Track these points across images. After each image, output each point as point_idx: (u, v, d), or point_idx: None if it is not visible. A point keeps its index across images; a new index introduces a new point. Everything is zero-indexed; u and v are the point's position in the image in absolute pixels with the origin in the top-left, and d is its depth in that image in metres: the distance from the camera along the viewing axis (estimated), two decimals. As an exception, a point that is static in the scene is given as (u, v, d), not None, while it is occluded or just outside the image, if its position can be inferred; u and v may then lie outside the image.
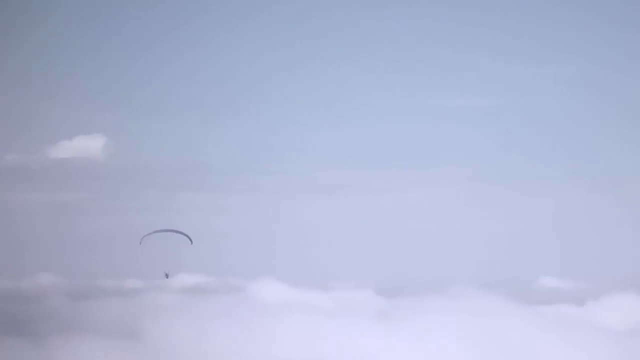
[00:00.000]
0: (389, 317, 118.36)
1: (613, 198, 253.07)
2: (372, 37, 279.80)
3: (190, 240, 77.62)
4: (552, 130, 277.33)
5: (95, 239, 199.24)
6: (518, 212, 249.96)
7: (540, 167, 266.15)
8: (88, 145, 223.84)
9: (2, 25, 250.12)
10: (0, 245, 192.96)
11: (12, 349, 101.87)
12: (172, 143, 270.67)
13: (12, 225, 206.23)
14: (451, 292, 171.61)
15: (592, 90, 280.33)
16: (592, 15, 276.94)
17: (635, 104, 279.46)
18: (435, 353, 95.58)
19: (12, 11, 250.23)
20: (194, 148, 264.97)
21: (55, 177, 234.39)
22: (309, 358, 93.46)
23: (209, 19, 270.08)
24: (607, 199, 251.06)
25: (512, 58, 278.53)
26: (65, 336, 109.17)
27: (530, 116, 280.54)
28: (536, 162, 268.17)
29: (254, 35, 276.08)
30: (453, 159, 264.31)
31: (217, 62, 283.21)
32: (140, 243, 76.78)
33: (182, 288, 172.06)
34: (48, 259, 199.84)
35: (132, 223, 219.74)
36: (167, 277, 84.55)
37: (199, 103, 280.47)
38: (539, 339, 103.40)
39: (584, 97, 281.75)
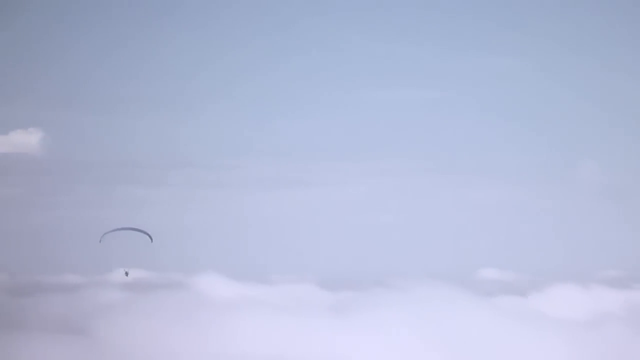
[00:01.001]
0: (338, 311, 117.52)
1: (551, 190, 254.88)
2: (313, 31, 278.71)
3: (151, 238, 75.97)
4: (494, 123, 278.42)
5: (33, 235, 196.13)
6: (457, 205, 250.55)
7: (480, 159, 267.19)
8: (24, 140, 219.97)
9: None
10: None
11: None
12: (108, 138, 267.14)
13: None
14: (395, 284, 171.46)
15: (534, 81, 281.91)
16: (534, 5, 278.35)
17: (580, 96, 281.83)
18: (388, 345, 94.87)
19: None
20: (130, 142, 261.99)
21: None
22: (261, 354, 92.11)
23: (147, 14, 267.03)
24: (546, 191, 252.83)
25: (455, 50, 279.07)
26: (7, 333, 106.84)
27: (472, 108, 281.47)
28: (476, 154, 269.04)
29: (194, 31, 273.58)
30: (393, 152, 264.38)
31: (153, 56, 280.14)
32: (100, 241, 74.94)
33: (123, 283, 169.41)
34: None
35: (69, 218, 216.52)
36: (127, 275, 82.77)
37: (135, 97, 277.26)
38: (489, 329, 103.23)
39: (524, 89, 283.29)
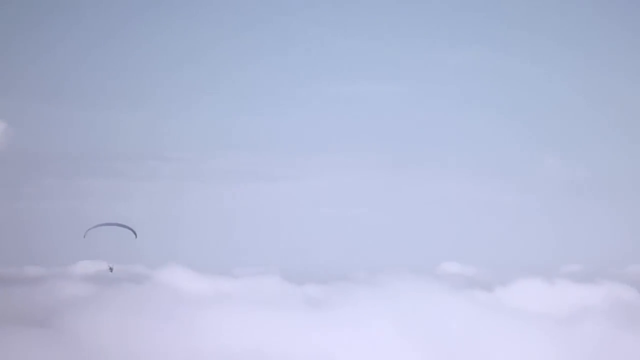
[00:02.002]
0: (312, 305, 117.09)
1: (515, 185, 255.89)
2: (273, 25, 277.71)
3: (135, 234, 75.12)
4: (457, 117, 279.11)
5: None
6: (420, 198, 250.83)
7: (444, 153, 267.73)
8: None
9: None
10: None
11: None
12: (73, 129, 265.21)
13: None
14: (360, 277, 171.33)
15: (497, 76, 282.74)
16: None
17: (538, 93, 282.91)
18: (364, 339, 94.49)
19: None
20: (95, 134, 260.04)
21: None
22: (237, 349, 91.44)
23: (123, 4, 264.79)
24: (509, 186, 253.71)
25: (417, 44, 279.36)
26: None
27: (436, 103, 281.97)
28: (439, 148, 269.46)
29: (173, 24, 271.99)
30: (357, 146, 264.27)
31: (128, 48, 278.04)
32: (84, 236, 73.98)
33: (85, 275, 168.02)
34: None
35: (32, 210, 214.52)
36: (111, 271, 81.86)
37: (100, 89, 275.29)
38: (463, 322, 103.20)
39: (488, 83, 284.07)
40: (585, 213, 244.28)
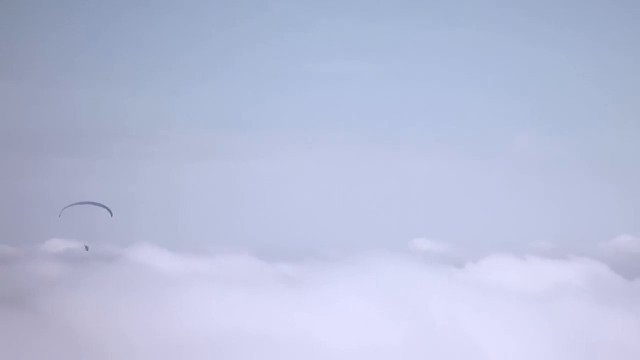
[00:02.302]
0: (290, 284, 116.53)
1: (485, 163, 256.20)
2: (244, 1, 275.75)
3: (110, 212, 74.29)
4: (430, 95, 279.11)
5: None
6: (391, 175, 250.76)
7: (415, 130, 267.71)
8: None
9: None
10: None
11: None
12: (39, 107, 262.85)
13: None
14: (333, 255, 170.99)
15: (470, 54, 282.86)
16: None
17: (508, 70, 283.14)
18: (343, 317, 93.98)
19: None
20: (62, 112, 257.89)
21: None
22: (216, 328, 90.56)
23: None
24: (479, 164, 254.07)
25: (392, 23, 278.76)
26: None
27: (408, 81, 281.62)
28: (411, 125, 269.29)
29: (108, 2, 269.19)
30: (328, 123, 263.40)
31: (73, 24, 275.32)
32: (59, 215, 73.08)
33: (56, 254, 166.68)
34: None
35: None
36: (87, 250, 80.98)
37: (59, 67, 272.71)
38: (439, 298, 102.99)
39: (461, 62, 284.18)
40: (554, 190, 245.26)
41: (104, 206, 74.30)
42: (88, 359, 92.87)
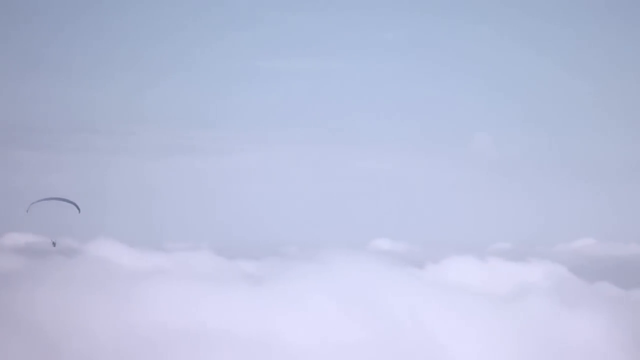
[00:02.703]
0: (244, 280, 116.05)
1: (444, 163, 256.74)
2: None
3: (78, 209, 73.35)
4: (388, 93, 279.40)
5: None
6: (350, 175, 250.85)
7: (375, 129, 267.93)
8: None
9: None
10: None
11: None
12: (1, 101, 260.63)
13: None
14: (290, 252, 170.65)
15: (427, 54, 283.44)
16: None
17: (469, 70, 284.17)
18: (307, 315, 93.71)
19: None
20: (26, 106, 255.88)
21: None
22: (179, 325, 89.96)
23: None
24: (439, 164, 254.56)
25: (352, 21, 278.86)
26: None
27: (366, 79, 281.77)
28: (371, 124, 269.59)
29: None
30: (287, 121, 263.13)
31: (45, 21, 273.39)
32: (27, 211, 72.05)
33: (14, 248, 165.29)
34: None
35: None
36: (54, 245, 79.99)
37: (30, 61, 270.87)
38: (396, 298, 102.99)
39: (418, 61, 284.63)
40: (514, 192, 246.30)
41: (71, 202, 73.35)
42: (48, 354, 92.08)
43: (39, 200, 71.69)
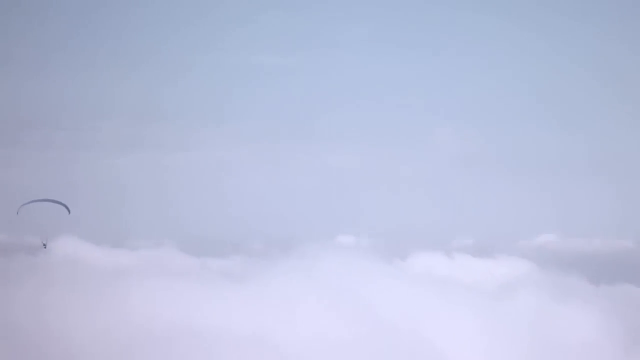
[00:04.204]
0: (218, 277, 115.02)
1: (406, 157, 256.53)
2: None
3: (68, 210, 72.07)
4: (350, 88, 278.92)
5: None
6: (311, 171, 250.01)
7: (337, 124, 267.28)
8: None
9: None
10: None
11: None
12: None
13: None
14: (255, 249, 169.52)
15: (390, 47, 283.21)
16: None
17: (429, 63, 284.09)
18: (281, 312, 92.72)
19: None
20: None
21: None
22: (157, 325, 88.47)
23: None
24: (400, 158, 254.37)
25: (317, 16, 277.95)
26: None
27: (328, 74, 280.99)
28: (333, 119, 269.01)
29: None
30: (252, 117, 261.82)
31: (10, 16, 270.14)
32: (17, 213, 70.78)
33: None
34: None
35: None
36: (45, 247, 78.50)
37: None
38: (376, 294, 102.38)
39: (382, 54, 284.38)
40: (476, 186, 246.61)
41: (62, 204, 72.10)
42: (15, 354, 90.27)
43: (29, 202, 70.46)
